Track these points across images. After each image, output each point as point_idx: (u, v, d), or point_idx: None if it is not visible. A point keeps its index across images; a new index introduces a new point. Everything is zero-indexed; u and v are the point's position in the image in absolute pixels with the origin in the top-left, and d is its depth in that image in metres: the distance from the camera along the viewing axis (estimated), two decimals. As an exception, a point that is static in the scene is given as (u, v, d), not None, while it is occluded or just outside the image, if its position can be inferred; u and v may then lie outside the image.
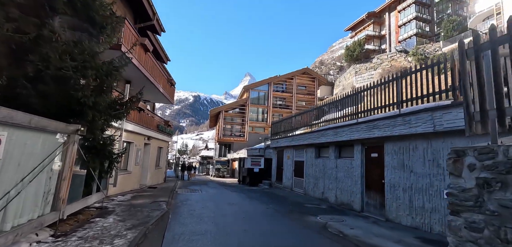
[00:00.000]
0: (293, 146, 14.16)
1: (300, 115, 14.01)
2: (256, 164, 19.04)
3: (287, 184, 14.55)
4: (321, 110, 11.77)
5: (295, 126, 14.33)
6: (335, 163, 10.15)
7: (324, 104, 11.60)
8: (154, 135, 14.64)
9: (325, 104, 11.42)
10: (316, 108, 12.23)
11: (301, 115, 13.83)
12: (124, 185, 10.99)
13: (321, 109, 11.92)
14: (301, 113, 13.94)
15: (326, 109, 11.42)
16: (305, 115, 13.45)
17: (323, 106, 11.71)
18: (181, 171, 24.80)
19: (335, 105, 10.52)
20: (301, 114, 13.86)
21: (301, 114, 13.86)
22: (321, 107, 11.85)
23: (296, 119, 14.40)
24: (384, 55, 47.32)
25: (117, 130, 9.75)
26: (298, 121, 14.21)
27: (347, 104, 9.80)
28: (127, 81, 13.81)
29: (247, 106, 43.95)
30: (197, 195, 11.95)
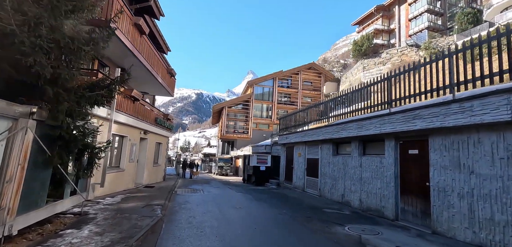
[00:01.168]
0: (305, 142, 12.71)
1: (314, 107, 12.54)
2: (262, 162, 17.63)
3: (298, 184, 13.12)
4: (340, 100, 10.28)
5: (308, 119, 12.86)
6: (359, 161, 8.69)
7: (344, 93, 10.12)
8: (152, 129, 13.28)
9: (346, 92, 9.93)
10: (333, 99, 10.75)
11: (315, 107, 12.35)
12: (115, 185, 9.63)
13: (339, 99, 10.43)
14: (314, 105, 12.46)
15: (347, 99, 9.94)
16: (319, 107, 11.97)
17: (342, 96, 10.22)
18: (182, 169, 23.44)
19: (360, 93, 9.03)
20: (315, 106, 12.39)
21: (315, 106, 12.39)
22: (340, 97, 10.36)
23: (308, 112, 12.93)
24: (393, 50, 45.54)
25: (104, 120, 8.37)
26: (311, 114, 12.74)
27: (373, 92, 8.33)
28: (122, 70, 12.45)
29: (251, 102, 42.51)
30: (198, 197, 10.57)
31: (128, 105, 10.05)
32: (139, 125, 11.45)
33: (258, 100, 43.32)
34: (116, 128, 9.41)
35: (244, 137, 41.27)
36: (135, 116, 10.86)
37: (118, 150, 10.29)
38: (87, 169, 5.74)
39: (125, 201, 8.06)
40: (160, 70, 14.19)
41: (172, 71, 16.14)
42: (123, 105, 9.54)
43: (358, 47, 49.56)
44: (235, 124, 42.25)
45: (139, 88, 14.79)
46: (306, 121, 13.07)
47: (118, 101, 9.01)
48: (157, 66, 13.53)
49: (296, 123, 14.19)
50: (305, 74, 46.72)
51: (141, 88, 15.37)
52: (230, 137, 41.98)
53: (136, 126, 11.14)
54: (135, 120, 10.88)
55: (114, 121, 9.00)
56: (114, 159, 9.98)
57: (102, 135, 8.22)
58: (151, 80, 13.87)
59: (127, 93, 9.62)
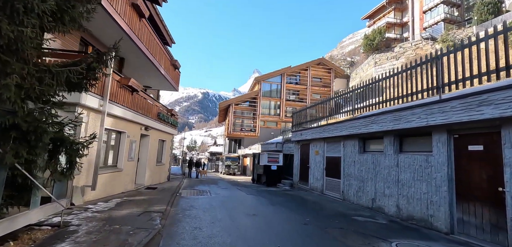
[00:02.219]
0: (324, 139, 11.35)
1: (334, 99, 11.15)
2: (273, 160, 16.33)
3: (316, 185, 11.77)
4: (371, 88, 8.86)
5: (327, 113, 11.49)
6: (395, 160, 7.30)
7: (373, 80, 8.70)
8: (154, 125, 12.11)
9: (376, 79, 8.52)
10: (359, 87, 9.34)
11: (336, 98, 10.96)
12: (110, 187, 8.48)
13: (367, 88, 9.03)
14: (335, 96, 11.07)
15: (376, 87, 8.54)
16: (341, 98, 10.56)
17: (371, 83, 8.81)
18: (188, 168, 22.29)
19: (396, 79, 7.61)
20: (336, 97, 10.99)
21: (336, 97, 10.99)
22: (368, 85, 8.95)
23: (328, 104, 11.55)
24: (407, 43, 43.61)
25: (95, 113, 7.19)
26: (330, 106, 11.36)
27: (411, 76, 6.94)
28: (121, 59, 11.31)
29: (258, 99, 41.21)
30: (205, 200, 9.34)
31: (126, 97, 8.88)
32: (139, 120, 10.28)
33: (266, 97, 41.98)
34: (111, 122, 8.24)
35: (251, 135, 40.01)
36: (134, 109, 9.68)
37: (115, 147, 9.14)
38: (68, 171, 4.55)
39: (120, 206, 6.87)
40: (163, 61, 13.02)
41: (176, 63, 14.96)
42: (119, 96, 8.37)
43: (369, 41, 47.69)
44: (242, 122, 41.03)
45: (140, 81, 13.66)
46: (325, 115, 11.70)
47: (112, 91, 7.83)
48: (159, 56, 12.36)
49: (312, 118, 12.83)
50: (314, 70, 45.17)
51: (143, 82, 14.24)
52: (237, 136, 40.78)
53: (136, 121, 9.97)
54: (134, 114, 9.70)
55: (108, 114, 7.81)
56: (110, 158, 8.83)
57: (93, 130, 7.05)
58: (153, 72, 12.71)
59: (123, 83, 8.43)
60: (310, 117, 12.99)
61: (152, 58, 11.13)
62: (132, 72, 12.10)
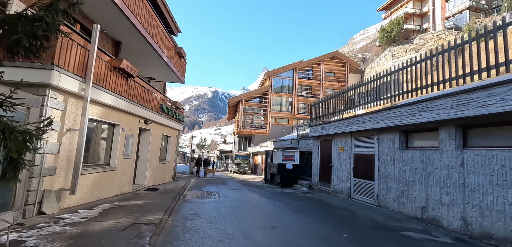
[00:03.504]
0: (352, 133, 9.66)
1: (366, 84, 9.41)
2: (288, 159, 14.72)
3: (341, 187, 10.09)
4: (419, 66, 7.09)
5: (355, 103, 9.78)
6: (458, 158, 5.57)
7: (427, 55, 6.94)
8: (156, 118, 10.74)
9: (434, 52, 6.75)
10: (407, 65, 7.56)
11: (368, 84, 9.21)
12: (100, 189, 7.11)
13: (417, 63, 7.27)
14: (367, 81, 9.32)
15: (424, 65, 6.78)
16: (374, 83, 8.81)
17: (423, 59, 7.04)
18: (196, 167, 20.94)
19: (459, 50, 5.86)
20: (368, 83, 9.25)
21: (368, 83, 9.25)
22: (417, 61, 7.18)
23: (356, 92, 9.82)
24: (428, 34, 40.97)
25: (74, 97, 5.79)
26: (359, 95, 9.64)
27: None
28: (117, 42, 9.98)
29: (269, 95, 39.56)
30: (212, 205, 7.86)
31: (119, 83, 7.49)
32: (137, 112, 8.90)
33: (277, 92, 40.31)
34: (100, 111, 6.86)
35: (262, 132, 38.45)
36: (130, 98, 8.30)
37: (107, 142, 7.77)
38: (11, 172, 3.15)
39: (104, 216, 5.46)
40: (166, 47, 11.63)
41: (181, 51, 13.57)
42: (109, 80, 6.97)
43: (386, 33, 45.13)
44: (252, 118, 39.54)
45: (142, 71, 12.33)
46: (352, 105, 9.99)
47: (99, 73, 6.43)
48: (161, 41, 10.97)
49: (335, 110, 11.13)
50: (327, 64, 43.17)
51: (145, 72, 12.91)
52: (247, 133, 39.31)
53: (132, 112, 8.60)
54: (130, 104, 8.32)
55: (94, 101, 6.43)
56: (101, 155, 7.46)
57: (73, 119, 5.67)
58: (155, 59, 11.35)
59: (114, 65, 7.03)
60: (333, 108, 11.29)
61: (151, 40, 9.73)
62: (131, 59, 10.78)
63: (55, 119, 5.26)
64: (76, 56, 5.59)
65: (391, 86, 7.88)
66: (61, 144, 5.51)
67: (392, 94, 7.84)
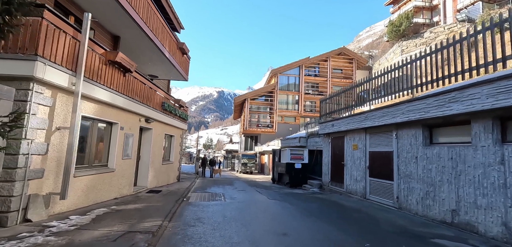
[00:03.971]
0: (366, 129, 8.96)
1: (379, 77, 8.68)
2: (297, 157, 14.06)
3: (355, 187, 9.40)
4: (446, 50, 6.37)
5: (370, 96, 9.06)
6: (497, 155, 4.85)
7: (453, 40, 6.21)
8: (158, 116, 10.24)
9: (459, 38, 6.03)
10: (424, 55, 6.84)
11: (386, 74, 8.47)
12: (96, 193, 6.61)
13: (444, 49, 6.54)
14: (381, 74, 8.59)
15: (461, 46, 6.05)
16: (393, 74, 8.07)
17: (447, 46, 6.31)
18: (201, 167, 20.45)
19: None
20: (382, 75, 8.51)
21: (382, 75, 8.51)
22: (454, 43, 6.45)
23: (371, 84, 9.10)
24: (439, 28, 39.61)
25: (65, 93, 5.28)
26: (374, 87, 8.92)
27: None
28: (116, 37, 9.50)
29: (275, 93, 38.86)
30: (218, 208, 7.28)
31: (115, 78, 6.97)
32: (137, 109, 8.39)
33: (283, 90, 39.59)
34: (94, 108, 6.35)
35: (268, 131, 37.81)
36: (129, 95, 7.79)
37: (104, 142, 7.27)
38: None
39: (97, 223, 4.93)
40: (168, 43, 11.11)
41: (183, 47, 13.05)
42: (105, 75, 6.46)
43: (395, 28, 43.87)
44: (258, 117, 38.94)
45: (143, 69, 11.85)
46: (366, 99, 9.28)
47: (92, 67, 5.92)
48: (162, 36, 10.45)
49: (347, 105, 10.42)
50: (334, 60, 42.25)
51: (147, 70, 12.43)
52: (254, 132, 38.73)
53: (132, 110, 8.09)
54: (129, 101, 7.81)
55: (87, 97, 5.92)
56: (96, 155, 6.97)
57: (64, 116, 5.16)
58: (156, 56, 10.84)
59: (109, 58, 6.51)
60: (345, 104, 10.58)
61: (151, 34, 9.21)
62: (131, 56, 10.30)
63: (42, 116, 4.75)
64: (65, 47, 5.07)
65: (412, 75, 7.15)
66: (50, 144, 5.00)
67: (412, 85, 7.11)
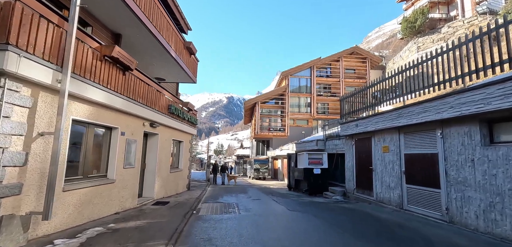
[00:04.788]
0: (399, 128, 7.76)
1: (418, 66, 7.48)
2: (316, 162, 12.90)
3: (388, 196, 8.17)
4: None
5: (405, 89, 7.86)
6: None
7: None
8: (164, 120, 9.39)
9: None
10: (484, 33, 5.66)
11: (420, 65, 7.26)
12: (93, 208, 5.72)
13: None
14: (423, 61, 7.38)
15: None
16: (437, 59, 6.87)
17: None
18: (213, 174, 19.53)
19: None
20: (424, 62, 7.30)
21: (424, 62, 7.30)
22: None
23: (405, 75, 7.90)
24: (457, 22, 37.59)
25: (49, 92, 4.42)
26: (413, 78, 7.72)
27: None
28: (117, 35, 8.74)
29: (286, 96, 37.75)
30: (232, 223, 6.26)
31: (113, 76, 6.13)
32: (139, 112, 7.54)
33: (295, 92, 38.44)
34: (88, 111, 5.50)
35: (280, 135, 36.66)
36: (130, 97, 6.94)
37: (102, 150, 6.42)
38: None
39: (87, 248, 4.00)
40: (173, 41, 10.31)
41: (191, 47, 12.24)
42: (99, 73, 5.61)
43: (409, 24, 42.04)
44: (269, 121, 37.88)
45: (149, 71, 11.08)
46: (398, 93, 8.09)
47: (83, 62, 5.07)
48: (167, 34, 9.65)
49: (375, 102, 9.24)
50: (346, 60, 40.84)
51: (152, 72, 11.66)
52: (265, 136, 37.67)
53: (134, 113, 7.23)
54: (130, 103, 6.96)
55: (77, 97, 5.06)
56: (93, 164, 6.11)
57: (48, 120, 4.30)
58: (162, 56, 10.05)
59: (105, 53, 5.66)
60: (372, 101, 9.40)
61: (154, 30, 8.39)
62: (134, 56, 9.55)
63: (18, 120, 3.90)
64: (48, 37, 4.24)
65: (464, 58, 5.95)
66: (30, 153, 4.15)
67: (465, 72, 5.90)
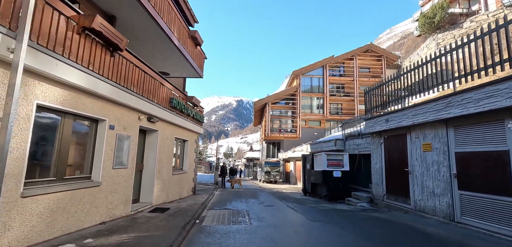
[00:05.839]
0: (447, 121, 6.31)
1: (484, 36, 6.04)
2: (335, 164, 11.48)
3: (432, 205, 6.70)
4: None
5: (454, 75, 6.41)
6: None
7: None
8: (165, 115, 8.26)
9: None
10: None
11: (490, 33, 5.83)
12: (70, 218, 4.58)
13: None
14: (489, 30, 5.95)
15: None
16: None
17: None
18: (221, 177, 18.34)
19: None
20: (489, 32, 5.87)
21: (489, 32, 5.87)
22: None
23: (456, 55, 6.45)
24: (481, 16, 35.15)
25: (5, 66, 3.31)
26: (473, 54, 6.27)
27: None
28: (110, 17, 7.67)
29: (297, 96, 36.29)
30: (241, 238, 4.98)
31: (98, 56, 5.01)
32: (133, 103, 6.41)
33: (306, 92, 36.93)
34: (61, 95, 4.37)
35: (291, 136, 35.21)
36: (121, 84, 5.82)
37: (86, 146, 5.30)
38: None
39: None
40: (176, 28, 9.20)
41: (196, 36, 11.12)
42: (78, 49, 4.49)
43: (428, 19, 39.85)
44: (280, 122, 36.50)
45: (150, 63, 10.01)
46: (445, 78, 6.63)
47: (53, 32, 3.95)
48: (169, 18, 8.54)
49: (410, 91, 7.78)
50: (361, 58, 39.01)
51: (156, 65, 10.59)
52: (276, 138, 36.28)
53: (126, 104, 6.11)
54: (121, 91, 5.83)
55: (40, 75, 3.93)
56: (70, 162, 4.98)
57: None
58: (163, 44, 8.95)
59: (84, 24, 4.53)
60: (407, 90, 7.95)
61: (153, 12, 7.27)
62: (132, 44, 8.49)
63: None
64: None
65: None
66: (-33, 145, 3.02)
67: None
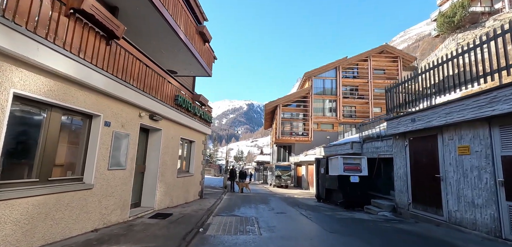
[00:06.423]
0: (490, 119, 5.40)
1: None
2: (352, 168, 10.58)
3: (472, 218, 5.77)
4: None
5: (500, 66, 5.51)
6: None
7: None
8: (169, 113, 7.71)
9: None
10: None
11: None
12: (55, 225, 4.03)
13: None
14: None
15: None
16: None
17: None
18: (230, 180, 17.69)
19: None
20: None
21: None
22: None
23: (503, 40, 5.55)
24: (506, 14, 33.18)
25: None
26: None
27: None
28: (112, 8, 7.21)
29: (309, 98, 35.32)
30: (250, 252, 4.28)
31: (90, 43, 4.48)
32: (134, 99, 5.87)
33: (318, 95, 35.91)
34: (45, 85, 3.84)
35: (303, 140, 34.22)
36: (119, 76, 5.28)
37: (80, 142, 4.77)
38: None
39: None
40: (183, 21, 8.69)
41: (204, 32, 10.58)
42: (65, 32, 3.97)
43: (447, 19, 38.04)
44: (291, 125, 35.60)
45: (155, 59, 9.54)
46: (492, 69, 5.73)
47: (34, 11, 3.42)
48: (175, 10, 8.02)
49: (441, 87, 6.87)
50: (375, 60, 37.65)
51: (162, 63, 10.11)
52: (287, 141, 35.37)
53: (125, 99, 5.57)
54: (119, 85, 5.30)
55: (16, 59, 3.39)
56: (56, 162, 4.45)
57: None
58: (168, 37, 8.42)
59: (72, 5, 4.00)
60: (438, 86, 7.03)
61: (158, 2, 6.74)
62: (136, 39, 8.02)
63: None
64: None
65: None
66: None
67: None
